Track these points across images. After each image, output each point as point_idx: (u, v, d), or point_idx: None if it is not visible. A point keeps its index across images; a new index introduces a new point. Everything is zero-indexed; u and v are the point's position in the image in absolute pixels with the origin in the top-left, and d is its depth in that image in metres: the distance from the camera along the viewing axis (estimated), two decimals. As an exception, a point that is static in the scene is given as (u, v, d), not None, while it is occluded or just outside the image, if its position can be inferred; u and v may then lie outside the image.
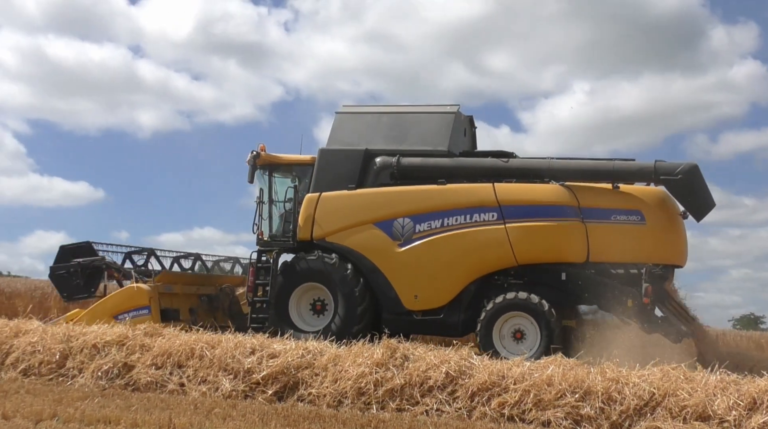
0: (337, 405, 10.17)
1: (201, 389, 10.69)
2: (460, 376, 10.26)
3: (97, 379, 11.13)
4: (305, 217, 14.90)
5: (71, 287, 15.66)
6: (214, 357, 11.03)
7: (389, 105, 16.47)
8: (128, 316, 14.44)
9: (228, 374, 10.82)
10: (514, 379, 10.04)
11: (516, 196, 14.16)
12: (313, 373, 10.68)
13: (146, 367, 11.12)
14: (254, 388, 10.65)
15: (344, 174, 14.90)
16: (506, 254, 13.98)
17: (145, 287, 14.79)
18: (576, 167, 14.47)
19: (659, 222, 13.95)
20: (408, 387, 10.25)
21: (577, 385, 9.78)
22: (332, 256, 14.61)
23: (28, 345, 11.81)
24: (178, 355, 11.18)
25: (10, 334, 12.18)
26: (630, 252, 13.77)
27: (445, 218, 14.25)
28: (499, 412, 9.74)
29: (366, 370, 10.44)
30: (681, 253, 14.42)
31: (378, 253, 14.49)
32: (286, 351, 10.99)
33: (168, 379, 10.97)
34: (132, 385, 11.00)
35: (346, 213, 14.74)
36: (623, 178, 14.19)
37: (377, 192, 14.74)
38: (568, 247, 13.87)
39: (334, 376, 10.53)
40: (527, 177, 14.51)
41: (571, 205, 13.94)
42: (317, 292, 14.86)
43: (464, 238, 14.13)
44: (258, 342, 11.33)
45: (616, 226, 13.84)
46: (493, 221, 14.05)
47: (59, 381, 11.29)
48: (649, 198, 14.05)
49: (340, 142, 15.38)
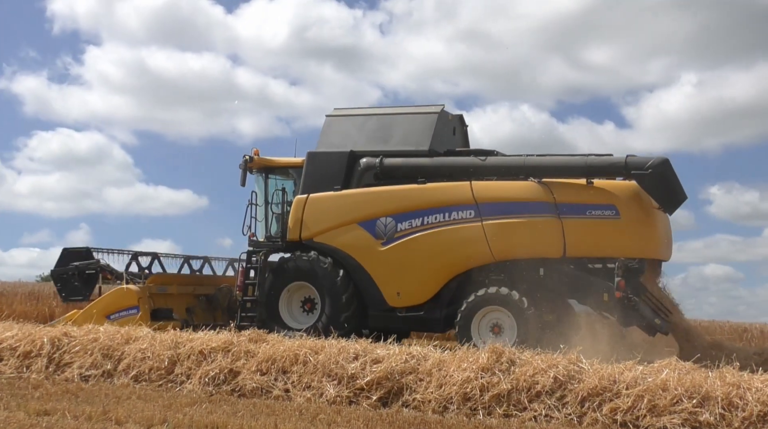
0: (442, 411, 9.98)
1: (306, 395, 10.66)
2: (569, 380, 9.92)
3: (204, 385, 11.24)
4: (294, 218, 15.49)
5: (69, 289, 16.45)
6: (317, 363, 11.00)
7: (378, 107, 16.99)
8: (119, 315, 15.30)
9: (332, 380, 10.76)
10: (626, 383, 9.63)
11: (492, 194, 14.47)
12: (418, 379, 10.52)
13: (251, 373, 11.17)
14: (358, 393, 10.56)
15: (330, 176, 15.43)
16: (483, 251, 14.28)
17: (134, 288, 15.57)
18: (550, 164, 14.66)
19: (634, 216, 14.09)
20: (515, 392, 9.97)
21: (695, 390, 9.33)
22: (320, 256, 15.10)
23: (139, 351, 12.05)
24: (283, 360, 11.19)
25: (122, 341, 12.46)
26: (605, 246, 14.03)
27: (425, 217, 14.64)
28: (611, 418, 9.36)
29: (471, 375, 10.22)
30: (657, 246, 14.49)
31: (362, 252, 14.97)
32: (390, 356, 10.86)
33: (273, 384, 10.99)
34: (238, 390, 11.06)
35: (332, 214, 15.27)
36: (596, 174, 14.30)
37: (361, 192, 15.21)
38: (544, 243, 14.08)
39: (439, 382, 10.34)
40: (504, 174, 14.76)
41: (546, 201, 14.16)
42: (307, 291, 15.41)
43: (443, 236, 14.48)
44: (361, 347, 11.25)
45: (591, 221, 14.04)
46: (470, 219, 14.39)
47: (168, 387, 11.45)
48: (623, 192, 14.19)
49: (328, 145, 15.88)
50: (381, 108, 16.79)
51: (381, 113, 16.36)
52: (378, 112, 16.42)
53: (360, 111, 16.53)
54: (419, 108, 16.13)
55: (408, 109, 16.27)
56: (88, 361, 12.26)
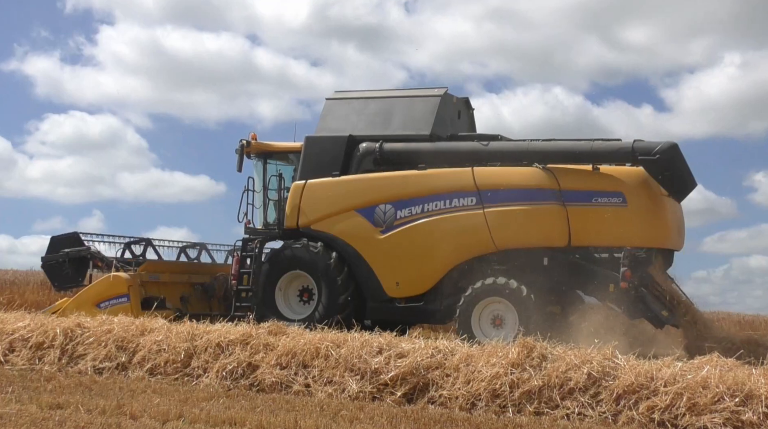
0: (470, 408, 9.56)
1: (327, 390, 10.28)
2: (604, 377, 9.47)
3: (221, 379, 10.88)
4: (292, 205, 15.06)
5: (61, 277, 16.17)
6: (339, 357, 10.61)
7: (378, 90, 16.27)
8: (109, 304, 15.00)
9: (354, 375, 10.37)
10: (665, 381, 9.18)
11: (494, 180, 13.97)
12: (444, 374, 10.10)
13: (271, 367, 10.80)
14: (382, 389, 10.16)
15: (329, 161, 14.95)
16: (485, 240, 13.84)
17: (124, 276, 15.22)
18: (554, 149, 14.12)
19: (641, 204, 13.56)
20: (546, 389, 9.55)
21: (737, 387, 8.87)
22: (317, 244, 14.69)
23: (154, 344, 11.71)
24: (303, 354, 10.81)
25: (137, 333, 12.12)
26: (612, 235, 13.52)
27: (425, 204, 14.20)
28: (648, 417, 8.92)
29: (501, 371, 9.79)
30: (666, 235, 13.99)
31: (361, 240, 14.56)
32: (415, 350, 10.45)
33: (293, 379, 10.62)
34: (256, 385, 10.69)
35: (331, 200, 14.83)
36: (602, 159, 13.78)
37: (359, 178, 14.77)
38: (548, 231, 13.63)
39: (467, 377, 9.92)
40: (507, 160, 14.29)
41: (550, 188, 13.65)
42: (304, 280, 15.00)
43: (443, 224, 14.07)
44: (385, 341, 10.84)
45: (597, 209, 13.52)
46: (471, 206, 13.95)
47: (184, 381, 11.11)
48: (630, 179, 13.63)
49: (327, 129, 15.40)
50: (382, 91, 16.18)
51: (381, 97, 15.85)
52: (378, 96, 15.91)
53: (360, 94, 16.05)
54: (421, 91, 15.68)
55: (409, 92, 15.93)
56: (102, 353, 11.95)
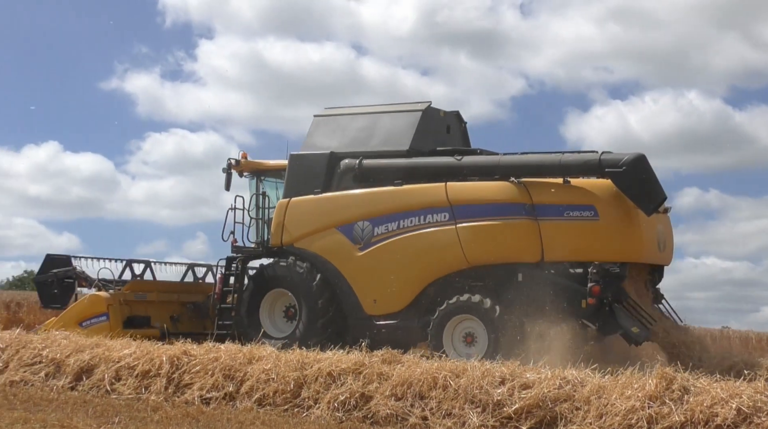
0: (604, 444, 8.83)
1: (446, 423, 9.66)
2: (756, 413, 8.56)
3: (333, 411, 10.37)
4: (276, 222, 15.18)
5: (48, 297, 16.51)
6: (459, 387, 9.96)
7: (364, 106, 16.13)
8: (90, 322, 15.23)
9: (475, 407, 9.70)
10: (828, 418, 8.27)
11: (466, 195, 13.87)
12: (574, 407, 9.34)
13: (385, 398, 10.23)
14: (505, 423, 9.48)
15: (312, 178, 15.03)
16: (457, 256, 13.71)
17: (104, 295, 15.48)
18: (524, 162, 14.00)
19: (613, 217, 13.32)
20: (689, 425, 8.70)
21: None
22: (303, 264, 14.70)
23: (262, 372, 11.30)
24: (420, 384, 10.20)
25: (244, 361, 11.73)
26: (584, 250, 13.29)
27: (400, 220, 14.14)
28: (810, 459, 8.03)
29: (637, 405, 8.99)
30: (640, 249, 13.67)
31: (340, 257, 14.58)
32: (541, 381, 9.72)
33: (409, 411, 10.01)
34: (370, 417, 10.14)
35: (312, 218, 14.91)
36: (571, 172, 13.57)
37: (339, 196, 14.83)
38: (520, 247, 13.44)
39: (599, 411, 9.15)
40: (480, 174, 14.14)
41: (521, 202, 13.47)
42: (288, 299, 15.06)
43: (418, 240, 13.99)
44: (508, 370, 10.15)
45: (569, 223, 13.32)
46: (444, 222, 13.83)
47: (294, 412, 10.64)
48: (602, 192, 13.39)
49: (312, 146, 15.47)
50: (367, 107, 16.18)
51: (366, 113, 15.84)
52: (363, 112, 15.88)
53: (347, 110, 16.08)
54: (405, 106, 15.52)
55: (393, 107, 15.70)
56: (209, 383, 11.58)
